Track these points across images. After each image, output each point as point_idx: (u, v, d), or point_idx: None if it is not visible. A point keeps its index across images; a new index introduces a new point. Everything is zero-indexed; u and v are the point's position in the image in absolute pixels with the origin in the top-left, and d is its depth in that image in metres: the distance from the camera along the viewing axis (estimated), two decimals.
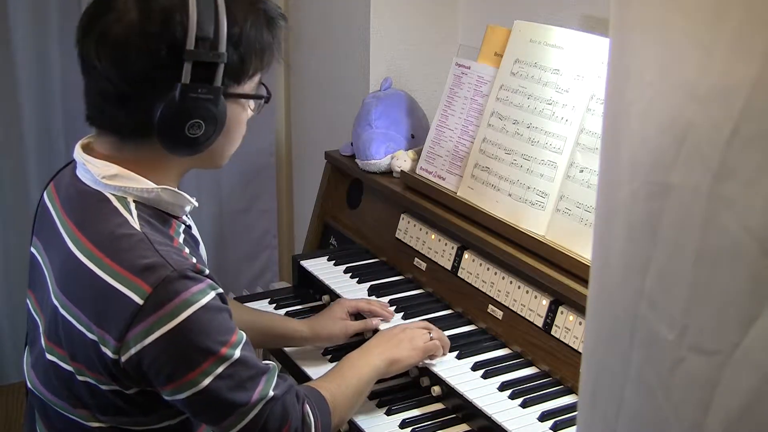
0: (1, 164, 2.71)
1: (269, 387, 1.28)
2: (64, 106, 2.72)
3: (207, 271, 1.26)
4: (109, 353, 1.20)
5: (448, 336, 1.73)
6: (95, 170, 1.27)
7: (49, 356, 1.30)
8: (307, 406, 1.35)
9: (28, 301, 1.41)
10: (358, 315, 1.80)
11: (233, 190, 2.94)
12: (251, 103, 1.35)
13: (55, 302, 1.28)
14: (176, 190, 1.32)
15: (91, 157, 1.29)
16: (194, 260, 1.25)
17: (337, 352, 1.78)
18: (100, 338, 1.21)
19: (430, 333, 1.64)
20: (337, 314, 1.77)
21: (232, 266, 3.00)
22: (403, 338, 1.61)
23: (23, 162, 2.72)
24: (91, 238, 1.24)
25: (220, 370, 1.22)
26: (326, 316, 1.78)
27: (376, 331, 1.74)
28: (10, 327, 2.85)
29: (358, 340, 1.76)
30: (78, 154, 1.31)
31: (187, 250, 1.28)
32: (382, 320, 1.78)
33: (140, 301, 1.17)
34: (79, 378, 1.26)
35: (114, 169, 1.27)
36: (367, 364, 1.53)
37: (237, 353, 1.23)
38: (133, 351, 1.19)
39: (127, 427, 1.30)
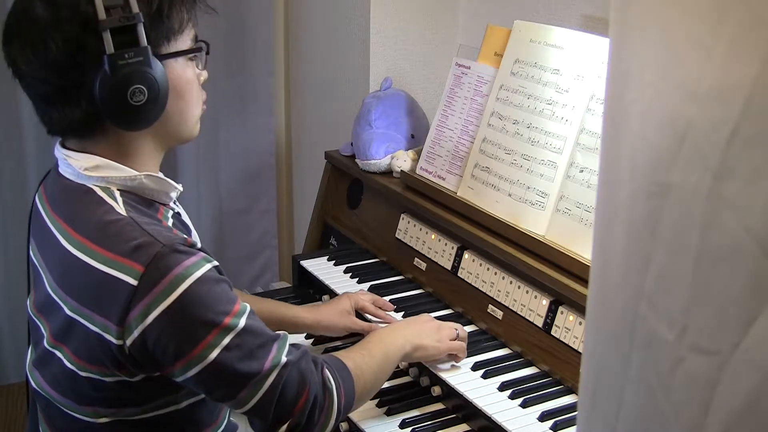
0: (1, 164, 2.71)
1: (281, 353, 1.26)
2: None
3: (199, 244, 1.25)
4: (113, 340, 1.20)
5: None
6: (76, 164, 1.28)
7: (54, 355, 1.30)
8: (327, 371, 1.33)
9: (28, 303, 1.41)
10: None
11: (233, 191, 2.94)
12: (198, 62, 1.33)
13: (57, 300, 1.28)
14: (160, 175, 1.32)
15: (71, 151, 1.30)
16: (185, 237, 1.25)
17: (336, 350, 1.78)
18: (103, 326, 1.21)
19: (457, 331, 1.63)
20: (344, 307, 1.76)
21: (232, 266, 3.00)
22: (431, 327, 1.60)
23: (23, 162, 2.72)
24: (80, 230, 1.25)
25: (226, 341, 1.20)
26: (332, 306, 1.77)
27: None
28: (10, 327, 2.85)
29: (354, 339, 1.76)
30: (58, 150, 1.32)
31: (177, 232, 1.27)
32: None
33: (135, 282, 1.17)
34: (82, 374, 1.26)
35: (95, 159, 1.27)
36: (394, 343, 1.52)
37: (242, 322, 1.22)
38: (136, 333, 1.18)
39: (133, 418, 1.30)
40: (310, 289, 2.04)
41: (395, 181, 2.07)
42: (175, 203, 1.40)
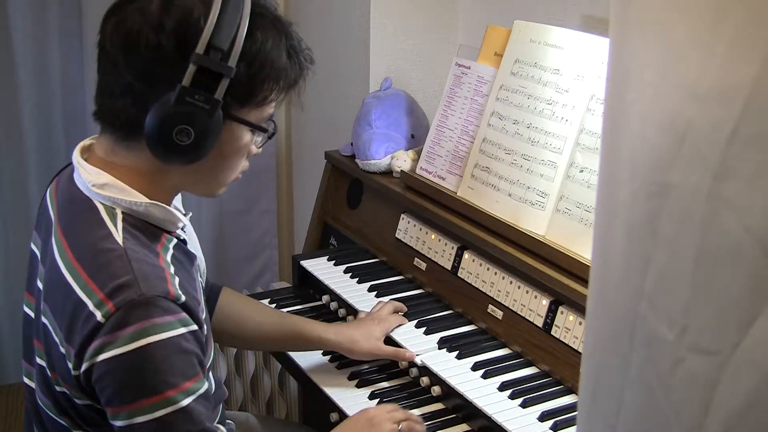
0: (1, 164, 2.71)
1: None
2: (64, 106, 2.72)
3: (183, 299, 1.19)
4: (72, 369, 1.19)
5: (447, 336, 1.73)
6: (87, 177, 1.25)
7: (38, 359, 1.31)
8: None
9: (25, 301, 1.40)
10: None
11: (233, 191, 2.92)
12: (258, 136, 1.31)
13: (42, 308, 1.28)
14: (167, 206, 1.27)
15: (86, 163, 1.27)
16: (174, 285, 1.20)
17: (344, 358, 1.76)
18: (67, 353, 1.20)
19: (399, 425, 1.48)
20: (375, 334, 1.69)
21: (232, 266, 3.00)
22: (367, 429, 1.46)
23: (23, 162, 2.72)
24: (74, 250, 1.23)
25: (159, 413, 1.15)
26: (361, 331, 1.70)
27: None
28: (10, 327, 2.85)
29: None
30: (75, 156, 1.30)
31: (172, 270, 1.23)
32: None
33: (102, 320, 1.14)
34: (58, 388, 1.25)
35: (105, 177, 1.24)
36: None
37: (185, 402, 1.17)
38: (85, 366, 1.16)
39: None
40: (310, 289, 2.04)
41: (395, 181, 2.07)
42: (183, 230, 1.37)
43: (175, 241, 1.31)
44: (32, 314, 1.36)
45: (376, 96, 2.19)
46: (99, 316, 1.15)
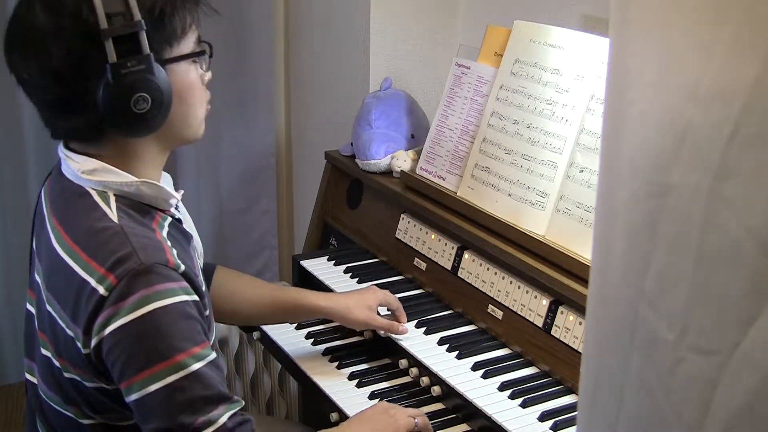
0: (1, 164, 2.71)
1: (222, 416, 1.19)
2: None
3: (183, 268, 1.22)
4: (81, 349, 1.21)
5: (447, 336, 1.73)
6: (75, 166, 1.28)
7: (43, 351, 1.32)
8: None
9: (27, 299, 1.41)
10: None
11: (233, 191, 2.94)
12: (201, 64, 1.32)
13: (44, 297, 1.29)
14: (157, 183, 1.30)
15: (72, 153, 1.29)
16: (173, 256, 1.22)
17: (337, 352, 1.78)
18: (75, 334, 1.21)
19: (415, 419, 1.48)
20: (367, 301, 1.70)
21: (232, 266, 2.97)
22: (385, 421, 1.45)
23: (23, 162, 2.71)
24: (71, 233, 1.25)
25: (171, 379, 1.17)
26: (355, 298, 1.71)
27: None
28: (10, 327, 2.85)
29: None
30: (61, 149, 1.32)
31: (168, 244, 1.25)
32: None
33: (105, 293, 1.17)
34: (66, 375, 1.27)
35: (92, 163, 1.26)
36: None
37: (195, 366, 1.18)
38: (94, 341, 1.18)
39: (116, 424, 1.30)
40: (311, 289, 2.04)
41: (395, 181, 2.07)
42: (177, 209, 1.39)
43: (169, 219, 1.33)
44: (33, 310, 1.37)
45: (376, 96, 2.19)
46: (102, 290, 1.17)
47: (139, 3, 1.20)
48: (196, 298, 1.23)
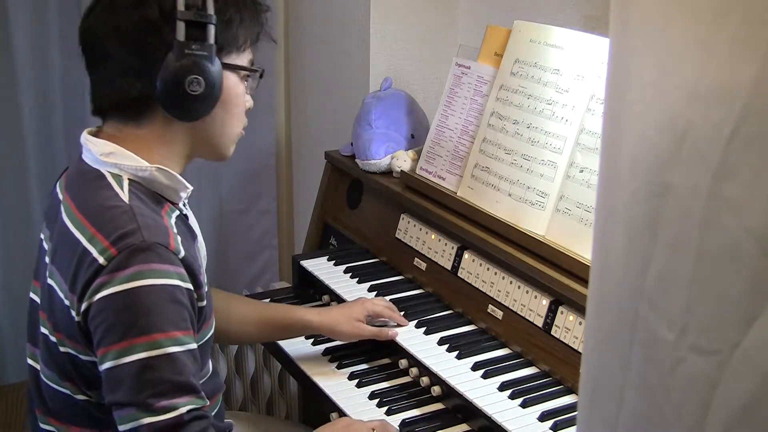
0: (1, 164, 2.71)
1: (184, 406, 1.20)
2: (64, 106, 2.72)
3: (183, 254, 1.25)
4: (75, 316, 1.23)
5: (447, 336, 1.73)
6: (95, 149, 1.32)
7: (42, 329, 1.34)
8: None
9: (31, 288, 1.43)
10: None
11: (233, 190, 2.94)
12: (246, 86, 1.40)
13: (47, 273, 1.32)
14: (171, 171, 1.34)
15: (93, 137, 1.34)
16: (176, 241, 1.25)
17: (337, 352, 1.79)
18: (71, 302, 1.24)
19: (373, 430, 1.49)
20: (354, 314, 1.72)
21: (232, 266, 3.00)
22: None
23: (23, 162, 2.72)
24: (81, 208, 1.28)
25: (144, 355, 1.18)
26: (343, 312, 1.73)
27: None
28: (11, 327, 2.85)
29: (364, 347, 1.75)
30: (83, 137, 1.36)
31: (174, 230, 1.28)
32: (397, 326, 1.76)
33: (104, 263, 1.20)
34: (61, 349, 1.29)
35: (111, 147, 1.31)
36: None
37: (172, 349, 1.20)
38: (84, 305, 1.21)
39: None
40: (310, 289, 2.04)
41: (395, 181, 2.07)
42: (184, 205, 1.42)
43: (177, 212, 1.37)
44: (38, 299, 1.39)
45: (376, 96, 2.19)
46: (102, 260, 1.20)
47: (215, 4, 1.28)
48: (190, 286, 1.25)
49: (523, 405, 1.53)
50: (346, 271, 2.01)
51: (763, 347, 0.65)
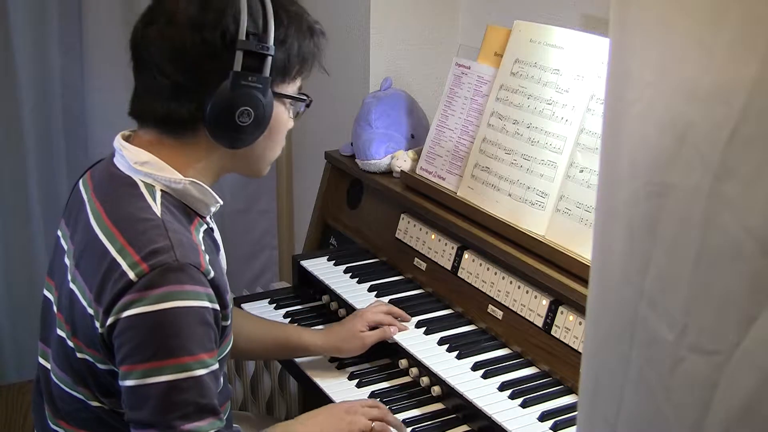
0: (1, 164, 2.71)
1: (206, 428, 1.21)
2: (64, 106, 2.72)
3: (212, 275, 1.25)
4: (98, 328, 1.22)
5: (447, 336, 1.73)
6: (129, 156, 1.31)
7: (58, 331, 1.33)
8: None
9: (45, 286, 1.43)
10: None
11: (233, 190, 2.94)
12: (291, 111, 1.40)
13: (69, 277, 1.31)
14: (204, 185, 1.33)
15: (128, 144, 1.33)
16: (205, 261, 1.25)
17: (344, 358, 1.76)
18: (95, 313, 1.23)
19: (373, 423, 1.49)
20: (354, 329, 1.72)
21: (232, 266, 2.97)
22: (341, 421, 1.47)
23: (23, 162, 2.71)
24: (111, 215, 1.27)
25: (172, 377, 1.19)
26: (345, 329, 1.73)
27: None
28: (11, 327, 2.85)
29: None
30: (117, 141, 1.35)
31: (203, 248, 1.28)
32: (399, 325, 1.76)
33: (135, 279, 1.19)
34: (78, 355, 1.28)
35: (146, 155, 1.30)
36: None
37: (199, 372, 1.20)
38: (110, 320, 1.20)
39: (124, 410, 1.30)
40: (310, 289, 2.04)
41: (395, 181, 2.07)
42: (211, 219, 1.42)
43: (204, 226, 1.36)
44: (51, 297, 1.38)
45: (376, 96, 2.19)
46: (132, 275, 1.19)
47: (275, 33, 1.28)
48: (217, 306, 1.25)
49: (523, 405, 1.53)
50: (346, 271, 2.01)
51: (763, 347, 0.65)
